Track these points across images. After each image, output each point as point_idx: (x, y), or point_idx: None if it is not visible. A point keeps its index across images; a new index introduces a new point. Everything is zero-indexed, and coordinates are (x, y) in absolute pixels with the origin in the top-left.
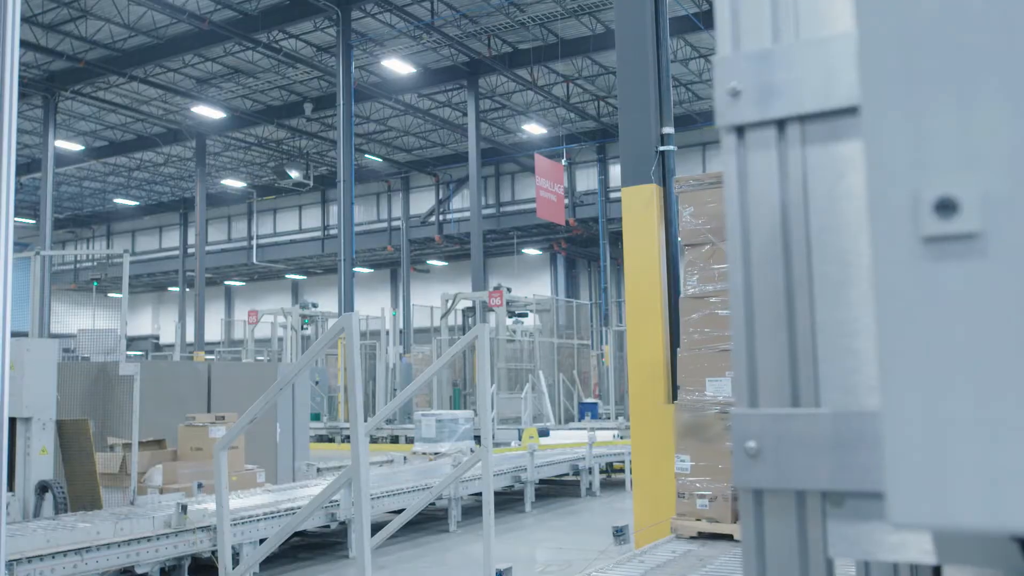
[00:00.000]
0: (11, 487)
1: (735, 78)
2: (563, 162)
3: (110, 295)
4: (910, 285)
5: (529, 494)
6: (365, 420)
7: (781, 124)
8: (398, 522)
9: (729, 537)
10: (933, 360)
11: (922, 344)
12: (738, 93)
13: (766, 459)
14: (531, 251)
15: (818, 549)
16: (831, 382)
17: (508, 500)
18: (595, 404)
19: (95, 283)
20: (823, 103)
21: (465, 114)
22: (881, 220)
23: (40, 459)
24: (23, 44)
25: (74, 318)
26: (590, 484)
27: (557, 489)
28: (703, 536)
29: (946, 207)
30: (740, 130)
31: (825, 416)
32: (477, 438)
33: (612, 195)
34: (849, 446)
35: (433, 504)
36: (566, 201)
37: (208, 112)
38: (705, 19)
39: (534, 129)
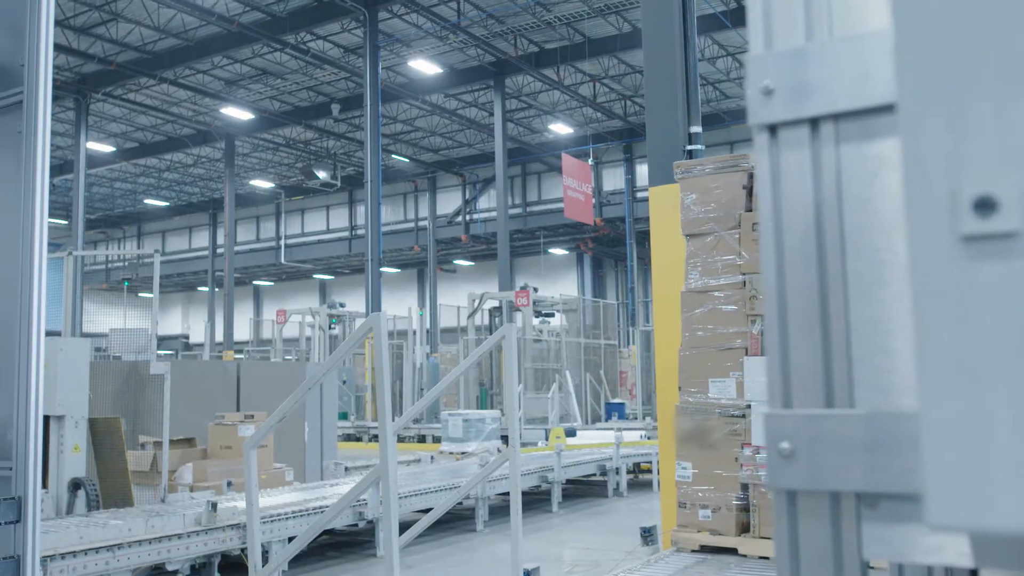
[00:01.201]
0: (45, 484)
1: (768, 77)
2: (590, 162)
3: (141, 295)
4: (948, 284)
5: (556, 494)
6: (393, 420)
7: (815, 123)
8: (426, 521)
9: (733, 551)
10: (972, 360)
11: (960, 344)
12: (771, 92)
13: (799, 460)
14: (558, 251)
15: (852, 551)
16: (866, 382)
17: (535, 500)
18: (622, 404)
19: (126, 283)
20: (857, 101)
21: (491, 114)
22: (918, 219)
23: (73, 457)
24: (55, 47)
25: (105, 317)
26: (617, 484)
27: (584, 489)
28: (705, 549)
29: (985, 205)
30: (773, 129)
31: (860, 417)
32: (504, 438)
33: (639, 195)
34: (884, 447)
35: (460, 504)
36: (593, 201)
37: (237, 113)
38: (733, 17)
39: (561, 129)
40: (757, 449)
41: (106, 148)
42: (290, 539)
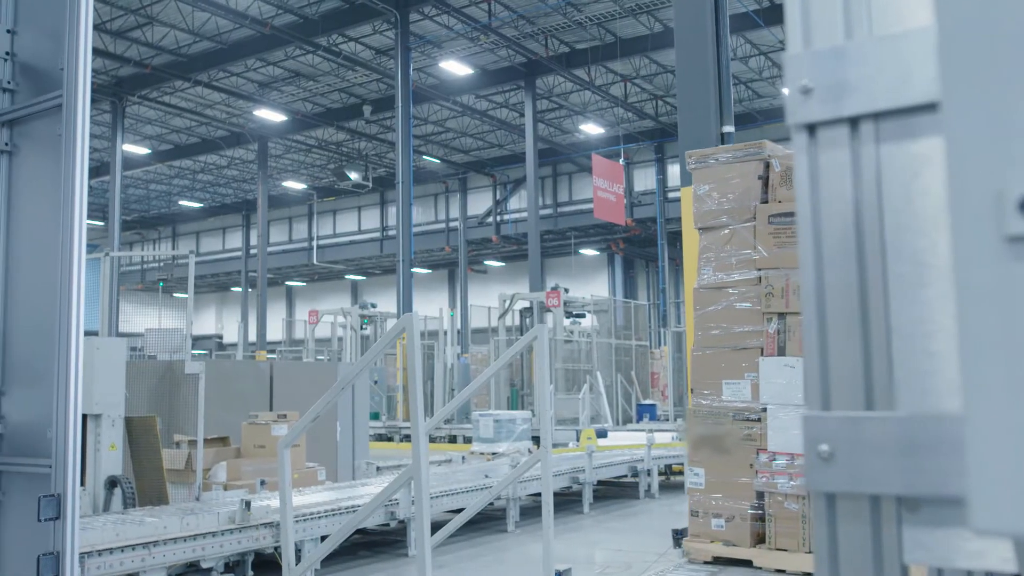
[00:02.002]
0: (82, 482)
1: (806, 76)
2: (621, 162)
3: (175, 295)
4: (993, 285)
5: (587, 495)
6: (424, 420)
7: (854, 122)
8: (458, 521)
9: (748, 563)
10: (1017, 362)
11: (1006, 345)
12: (809, 91)
13: (839, 462)
14: (589, 251)
15: (893, 555)
16: (907, 384)
17: (566, 501)
18: (654, 406)
19: (161, 283)
20: (898, 100)
21: (522, 115)
22: (962, 219)
23: (109, 455)
24: (92, 51)
25: (141, 317)
26: (649, 486)
27: (615, 491)
28: (719, 561)
29: None
30: (811, 128)
31: (901, 419)
32: (535, 438)
33: (670, 195)
34: (926, 449)
35: (491, 504)
36: (624, 201)
37: (270, 115)
38: (766, 16)
39: (591, 129)
40: (773, 455)
41: (142, 150)
42: (322, 538)
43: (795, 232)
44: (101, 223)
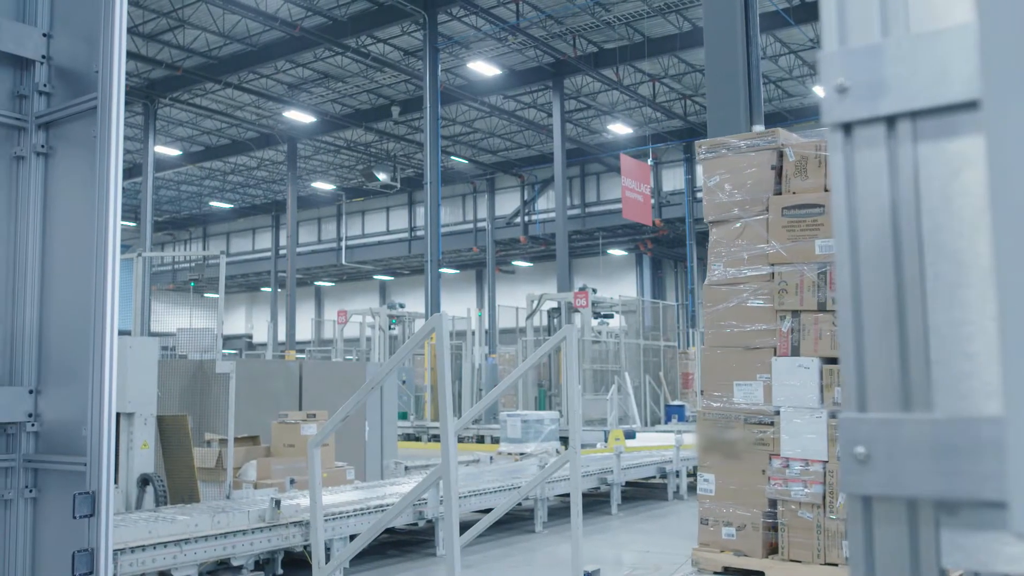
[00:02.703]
0: (115, 480)
1: (842, 74)
2: (649, 162)
3: (206, 295)
4: None
5: (615, 496)
6: (454, 420)
7: (891, 121)
8: (487, 521)
9: (759, 575)
10: None
11: None
12: (845, 89)
13: (876, 465)
14: (617, 252)
15: (931, 559)
16: (945, 386)
17: (594, 502)
18: (682, 407)
19: (192, 283)
20: (936, 98)
21: (550, 115)
22: (1004, 218)
23: (142, 453)
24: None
25: (172, 317)
26: (677, 487)
27: (644, 492)
28: (729, 572)
29: None
30: (847, 127)
31: (939, 421)
32: (562, 439)
33: (699, 195)
34: (965, 452)
35: (519, 504)
36: (652, 201)
37: (299, 116)
38: (796, 14)
39: (620, 129)
40: (787, 461)
41: (173, 152)
42: (351, 537)
43: (810, 225)
44: (133, 224)
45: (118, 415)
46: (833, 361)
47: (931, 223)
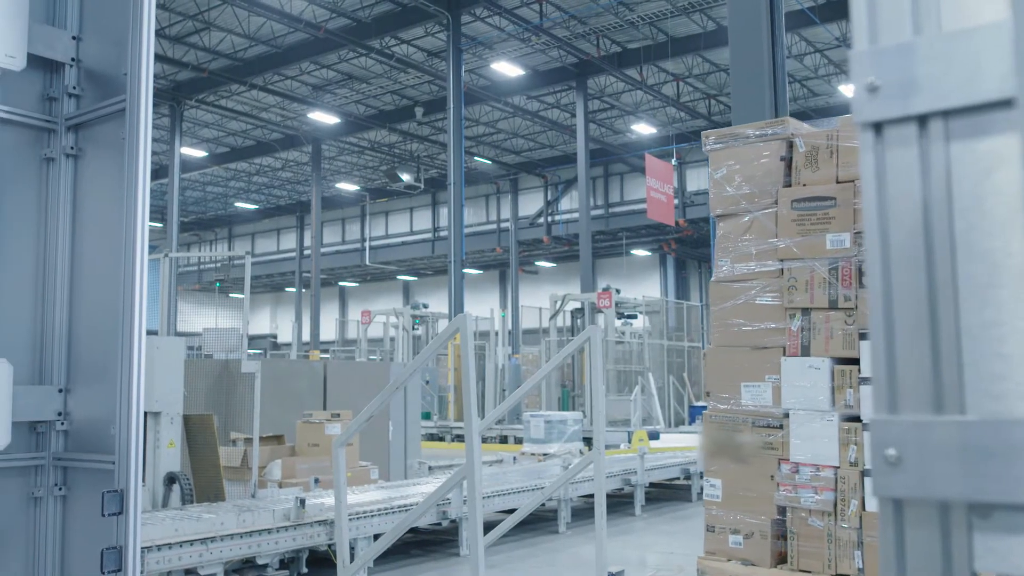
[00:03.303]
0: (142, 478)
1: (873, 73)
2: (673, 162)
3: (231, 295)
4: None
5: (639, 497)
6: (478, 420)
7: (923, 120)
8: (511, 521)
9: None
10: None
11: None
12: (876, 88)
13: (907, 467)
14: (640, 252)
15: (963, 563)
16: (978, 388)
17: (617, 503)
18: (706, 408)
19: (217, 284)
20: (969, 97)
21: (574, 115)
22: None
23: (168, 452)
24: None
25: (197, 317)
26: (701, 488)
27: (668, 493)
28: None
29: None
30: (878, 127)
31: (971, 423)
32: (586, 439)
33: None
34: (998, 455)
35: (542, 505)
36: (676, 201)
37: (323, 117)
38: (821, 12)
39: (643, 129)
40: (796, 466)
41: (199, 153)
42: (375, 536)
43: (821, 219)
44: (159, 225)
45: (145, 414)
46: (845, 361)
47: (963, 223)
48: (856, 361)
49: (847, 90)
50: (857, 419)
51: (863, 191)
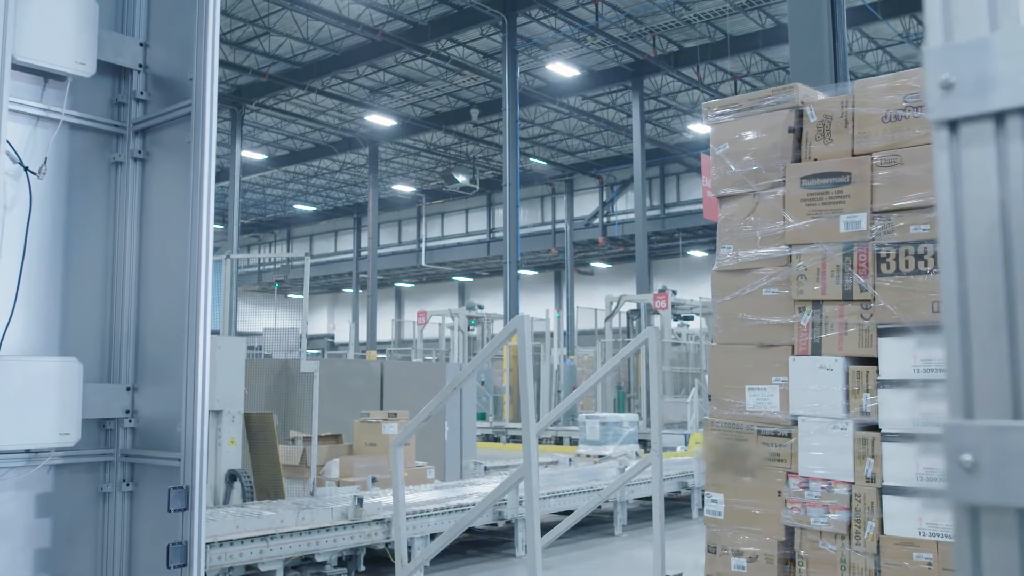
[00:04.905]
0: None
1: (948, 70)
2: None
3: (290, 296)
4: None
5: (696, 500)
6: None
7: (999, 117)
8: (568, 523)
9: None
10: None
11: None
12: (951, 85)
13: (984, 474)
14: (697, 253)
15: None
16: None
17: (674, 506)
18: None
19: (277, 284)
20: None
21: (629, 115)
22: None
23: (230, 450)
24: None
25: (257, 317)
26: None
27: None
28: None
29: None
30: (953, 124)
31: None
32: (641, 442)
33: None
34: None
35: (598, 507)
36: None
37: (380, 120)
38: (884, 8)
39: (700, 128)
40: (805, 481)
41: (259, 156)
42: (432, 536)
43: (833, 198)
44: (220, 226)
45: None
46: (861, 361)
47: None
48: (874, 361)
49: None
50: (875, 428)
51: (937, 191)
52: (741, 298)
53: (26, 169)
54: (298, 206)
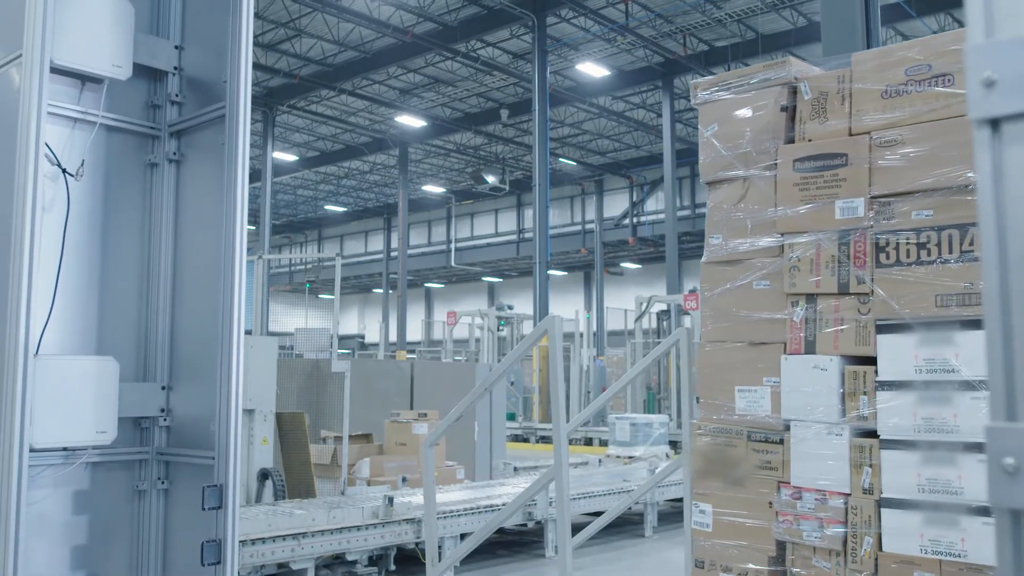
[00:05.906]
0: None
1: (989, 67)
2: None
3: (321, 296)
4: None
5: None
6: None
7: None
8: (599, 524)
9: None
10: None
11: None
12: (993, 83)
13: None
14: None
15: None
16: None
17: None
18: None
19: (308, 285)
20: None
21: (660, 115)
22: None
23: (262, 448)
24: None
25: (288, 317)
26: None
27: None
28: None
29: None
30: (995, 123)
31: None
32: (672, 442)
33: None
34: None
35: (628, 508)
36: None
37: (410, 121)
38: (918, 6)
39: None
40: (798, 492)
41: (290, 157)
42: (462, 536)
43: (829, 182)
44: (252, 227)
45: None
46: (858, 361)
47: None
48: (872, 360)
49: None
50: (873, 434)
51: (979, 190)
52: (731, 292)
53: (64, 171)
54: (329, 207)
